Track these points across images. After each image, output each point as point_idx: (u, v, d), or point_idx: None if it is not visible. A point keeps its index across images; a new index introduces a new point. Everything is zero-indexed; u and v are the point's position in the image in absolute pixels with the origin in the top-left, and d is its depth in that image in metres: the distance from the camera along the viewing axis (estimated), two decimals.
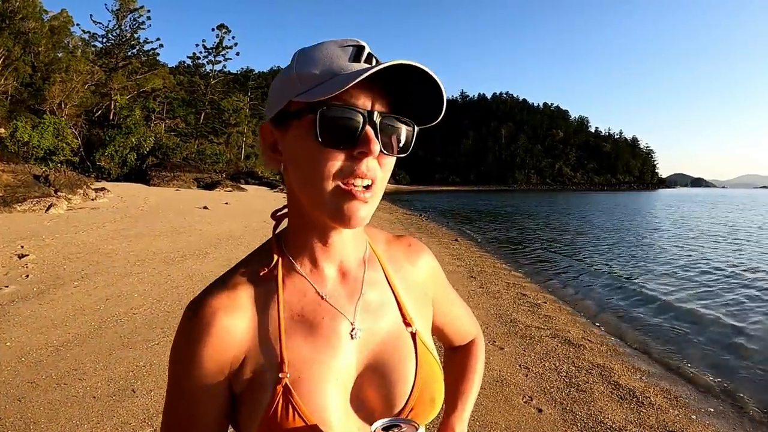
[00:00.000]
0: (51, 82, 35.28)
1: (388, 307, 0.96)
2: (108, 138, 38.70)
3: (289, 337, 0.86)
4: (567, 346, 6.48)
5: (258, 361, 0.85)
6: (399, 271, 1.02)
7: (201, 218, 17.95)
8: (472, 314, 1.30)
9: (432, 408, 0.92)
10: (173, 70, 62.74)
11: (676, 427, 4.48)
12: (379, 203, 0.86)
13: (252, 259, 0.94)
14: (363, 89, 0.78)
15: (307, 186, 0.82)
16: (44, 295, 6.99)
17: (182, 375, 0.86)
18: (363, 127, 0.78)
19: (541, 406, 4.64)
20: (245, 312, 0.86)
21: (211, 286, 0.90)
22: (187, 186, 38.38)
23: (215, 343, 0.83)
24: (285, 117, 0.83)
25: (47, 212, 15.68)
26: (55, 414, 3.92)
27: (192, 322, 0.85)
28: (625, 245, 19.76)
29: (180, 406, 0.87)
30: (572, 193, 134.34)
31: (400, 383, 0.89)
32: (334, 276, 0.93)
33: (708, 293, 10.90)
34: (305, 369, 0.84)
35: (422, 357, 0.93)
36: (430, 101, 0.84)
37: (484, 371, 1.26)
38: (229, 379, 0.86)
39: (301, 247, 0.91)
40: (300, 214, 0.89)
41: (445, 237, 19.11)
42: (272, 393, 0.82)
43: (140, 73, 47.68)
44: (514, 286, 10.22)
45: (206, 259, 10.38)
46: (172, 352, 0.87)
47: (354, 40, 0.83)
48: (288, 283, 0.90)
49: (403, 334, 0.94)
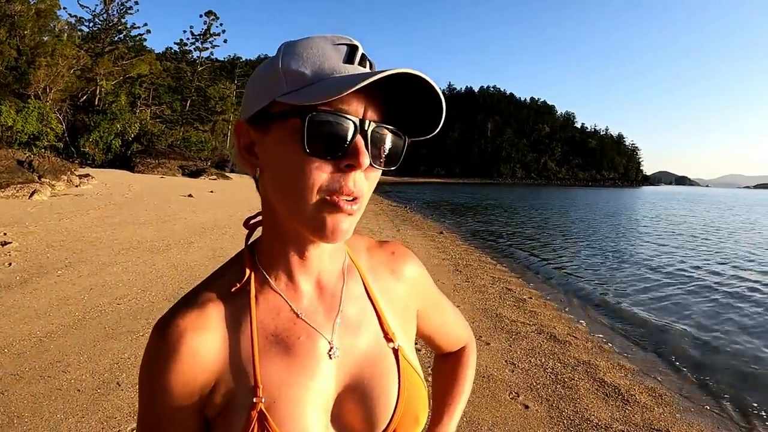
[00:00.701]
0: (36, 66, 34.74)
1: (368, 322, 0.90)
2: (93, 124, 38.33)
3: (264, 358, 0.80)
4: (553, 342, 6.51)
5: (230, 384, 0.79)
6: (380, 283, 0.96)
7: (186, 206, 17.84)
8: (464, 319, 1.25)
9: (416, 426, 0.88)
10: (160, 57, 61.99)
11: (661, 425, 4.52)
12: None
13: (223, 273, 0.87)
14: (355, 95, 0.72)
15: (287, 196, 0.76)
16: (27, 284, 6.91)
17: (152, 400, 0.80)
18: (353, 137, 0.72)
19: (528, 403, 4.66)
20: (216, 332, 0.80)
21: (179, 303, 0.83)
22: (172, 173, 38.11)
23: (184, 367, 0.77)
24: (266, 117, 0.75)
25: (31, 198, 15.49)
26: (38, 407, 3.87)
27: (159, 344, 0.79)
28: (609, 242, 19.94)
29: (151, 430, 0.82)
30: (557, 188, 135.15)
31: (382, 402, 0.84)
32: (310, 291, 0.87)
33: (692, 291, 11.02)
34: (281, 392, 0.79)
35: (405, 374, 0.88)
36: (427, 113, 0.78)
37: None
38: (201, 404, 0.80)
39: (275, 260, 0.85)
40: (275, 224, 0.83)
41: (430, 229, 19.15)
42: (246, 419, 0.76)
43: (126, 59, 47.10)
44: (499, 281, 10.25)
45: (191, 249, 10.32)
46: (141, 375, 0.81)
47: (347, 38, 0.76)
48: (261, 300, 0.84)
49: (385, 351, 0.89)
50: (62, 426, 3.65)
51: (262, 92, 0.76)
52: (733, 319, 8.87)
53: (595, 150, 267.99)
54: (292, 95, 0.71)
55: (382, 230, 16.32)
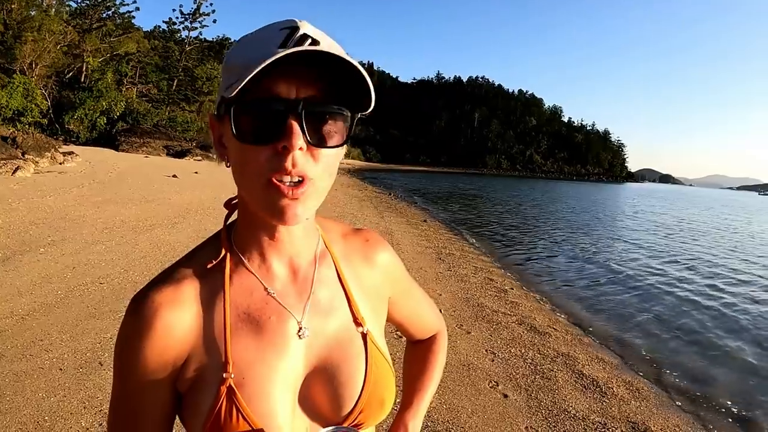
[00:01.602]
0: (23, 41, 34.09)
1: (339, 306, 0.92)
2: (78, 101, 37.73)
3: (235, 336, 0.82)
4: (533, 333, 6.58)
5: (202, 360, 0.81)
6: (353, 268, 0.97)
7: (170, 187, 17.68)
8: (435, 308, 1.27)
9: (381, 410, 0.90)
10: (148, 35, 61.08)
11: (638, 418, 4.60)
12: (351, 187, 0.80)
13: (199, 252, 0.90)
14: (285, 76, 0.72)
15: (241, 183, 0.80)
16: (10, 261, 6.85)
17: (126, 372, 0.82)
18: (284, 119, 0.72)
19: (507, 392, 4.72)
20: (190, 308, 0.82)
21: (155, 279, 0.85)
22: (157, 153, 37.62)
23: (158, 341, 0.79)
24: (220, 113, 0.78)
25: (14, 175, 15.28)
26: (20, 386, 3.87)
27: (134, 317, 0.80)
28: (591, 236, 20.15)
29: (125, 404, 0.84)
30: (542, 181, 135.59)
31: (348, 385, 0.86)
32: (283, 273, 0.88)
33: (671, 287, 11.18)
34: (250, 370, 0.81)
35: (372, 358, 0.89)
36: (359, 88, 0.75)
37: (451, 355, 1.26)
38: (174, 377, 0.82)
39: (249, 242, 0.87)
40: (246, 208, 0.85)
41: (414, 217, 19.18)
42: (216, 394, 0.79)
43: (114, 36, 46.38)
44: (481, 271, 10.33)
45: (175, 229, 10.28)
46: (116, 348, 0.83)
47: (293, 21, 0.75)
48: (235, 279, 0.86)
49: (354, 335, 0.90)
50: (44, 404, 3.66)
51: (220, 89, 0.79)
52: (710, 315, 9.04)
53: (581, 144, 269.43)
54: (226, 90, 0.72)
55: (366, 217, 16.33)
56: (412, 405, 1.18)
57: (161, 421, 0.85)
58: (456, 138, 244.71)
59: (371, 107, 0.77)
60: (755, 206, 75.73)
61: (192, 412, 0.81)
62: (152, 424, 0.84)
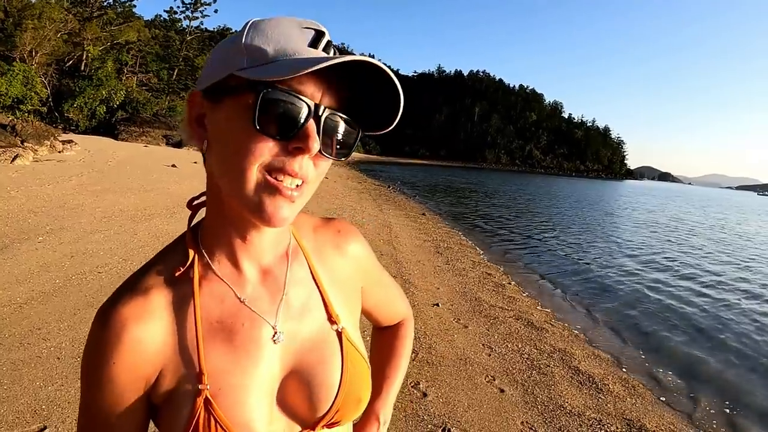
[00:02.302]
0: (23, 28, 33.91)
1: (313, 305, 0.90)
2: (78, 89, 37.59)
3: (208, 345, 0.80)
4: (530, 328, 6.60)
5: (175, 373, 0.79)
6: (325, 263, 0.96)
7: (169, 176, 17.66)
8: (404, 295, 1.26)
9: (358, 407, 0.90)
10: (149, 24, 61.00)
11: (633, 415, 4.62)
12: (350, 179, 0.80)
13: (165, 258, 0.86)
14: (314, 80, 0.71)
15: (229, 172, 0.74)
16: (8, 249, 6.84)
17: (95, 387, 0.79)
18: (306, 121, 0.71)
19: (504, 387, 4.73)
20: (159, 319, 0.79)
21: (120, 289, 0.82)
22: (156, 143, 37.53)
23: (127, 357, 0.77)
24: (220, 90, 0.74)
25: (12, 163, 15.23)
26: (18, 375, 3.87)
27: (101, 332, 0.77)
28: (589, 232, 20.18)
29: (94, 418, 0.82)
30: (541, 177, 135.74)
31: (324, 386, 0.85)
32: (254, 276, 0.86)
33: (668, 284, 11.20)
34: (226, 380, 0.79)
35: (348, 356, 0.89)
36: (384, 106, 0.76)
37: (448, 349, 1.27)
38: (147, 392, 0.80)
39: (218, 244, 0.84)
40: (218, 203, 0.82)
41: (412, 210, 19.18)
42: (192, 406, 0.77)
43: (115, 25, 46.18)
44: (479, 265, 10.34)
45: (173, 219, 10.25)
46: (84, 361, 0.80)
47: (315, 23, 0.74)
48: (205, 286, 0.83)
49: (329, 334, 0.89)
50: (41, 393, 3.66)
51: (221, 65, 0.74)
52: (707, 313, 9.04)
53: (581, 141, 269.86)
54: (250, 70, 0.70)
55: (364, 209, 16.33)
56: (381, 393, 1.18)
57: None
58: (456, 132, 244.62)
59: (390, 128, 0.78)
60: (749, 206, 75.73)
61: (169, 425, 0.80)
62: None
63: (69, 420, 3.39)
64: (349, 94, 0.76)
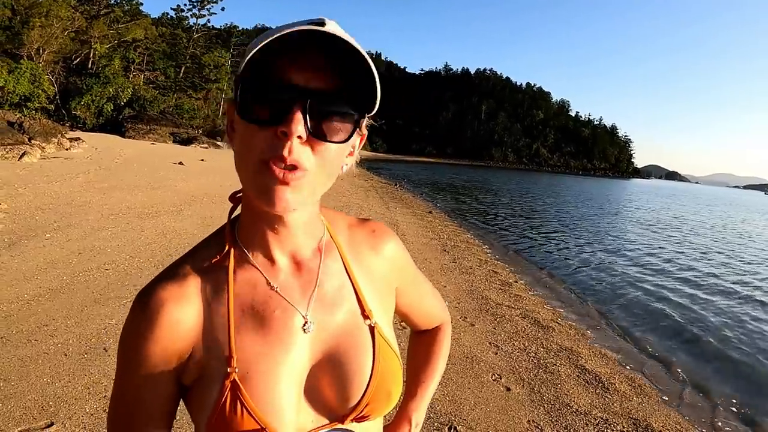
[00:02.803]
0: (30, 26, 34.04)
1: (346, 298, 0.91)
2: (85, 87, 37.76)
3: (239, 331, 0.82)
4: (536, 327, 6.58)
5: (206, 354, 0.82)
6: (360, 260, 0.97)
7: (176, 174, 17.73)
8: (441, 299, 1.26)
9: (388, 402, 0.90)
10: (155, 22, 61.01)
11: (640, 415, 4.60)
12: (356, 177, 0.81)
13: (203, 247, 0.90)
14: (298, 63, 0.72)
15: (238, 166, 0.79)
16: (16, 246, 6.87)
17: (130, 366, 0.82)
18: (289, 105, 0.71)
19: (510, 385, 4.72)
20: (194, 303, 0.83)
21: (160, 275, 0.86)
22: (163, 140, 37.72)
23: (163, 336, 0.80)
24: (235, 96, 0.77)
25: (20, 160, 15.30)
26: (25, 371, 3.88)
27: (139, 313, 0.82)
28: (597, 232, 20.16)
29: (127, 397, 0.85)
30: (548, 175, 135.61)
31: (355, 378, 0.86)
32: (287, 266, 0.88)
33: (674, 282, 11.18)
34: (255, 364, 0.81)
35: (380, 351, 0.89)
36: (367, 87, 0.76)
37: (454, 347, 1.27)
38: (178, 372, 0.83)
39: (252, 235, 0.87)
40: (248, 198, 0.85)
41: (419, 208, 19.19)
42: (220, 388, 0.79)
43: (122, 23, 46.37)
44: (486, 263, 10.33)
45: (180, 216, 10.29)
46: (120, 343, 0.84)
47: (320, 18, 0.73)
48: (239, 274, 0.86)
49: (361, 327, 0.90)
50: (48, 390, 3.67)
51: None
52: (715, 312, 9.02)
53: (588, 139, 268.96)
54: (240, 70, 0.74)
55: (371, 207, 16.34)
56: (415, 396, 1.19)
57: (161, 415, 0.85)
58: (463, 130, 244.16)
59: (375, 109, 0.78)
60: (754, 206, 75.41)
61: (197, 406, 0.83)
62: (152, 418, 0.85)
63: (76, 416, 3.40)
64: (343, 79, 0.75)
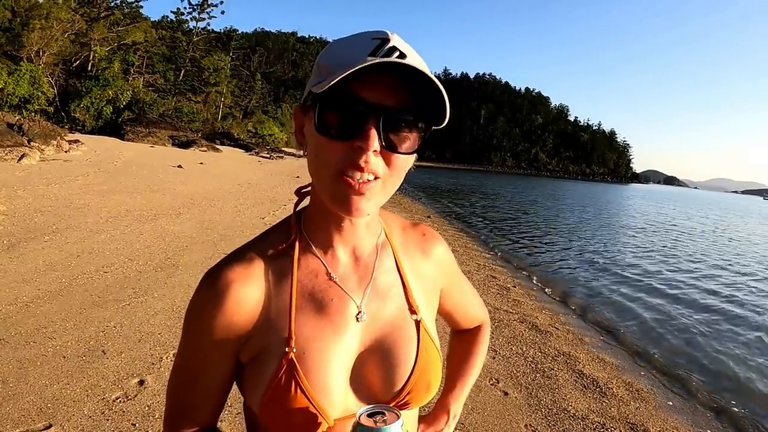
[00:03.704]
0: (30, 28, 34.01)
1: (396, 293, 0.98)
2: (85, 89, 37.67)
3: (299, 313, 0.89)
4: (534, 331, 6.59)
5: (267, 333, 0.88)
6: (410, 260, 1.04)
7: (175, 177, 17.71)
8: (481, 300, 1.35)
9: (427, 393, 0.95)
10: (155, 25, 61.06)
11: (637, 419, 4.61)
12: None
13: (271, 234, 0.97)
14: (371, 83, 0.77)
15: (314, 173, 0.85)
16: (14, 248, 6.87)
17: (194, 340, 0.90)
18: (365, 121, 0.77)
19: (508, 390, 4.73)
20: (259, 284, 0.89)
21: (230, 255, 0.93)
22: (162, 143, 37.59)
23: (227, 313, 0.86)
24: (306, 105, 0.84)
25: (19, 162, 15.30)
26: (24, 373, 3.88)
27: (207, 290, 0.88)
28: (594, 237, 20.19)
29: (188, 367, 0.93)
30: (547, 180, 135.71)
31: (400, 367, 0.92)
32: (346, 260, 0.95)
33: (672, 288, 11.20)
34: (311, 346, 0.87)
35: (424, 344, 0.95)
36: (436, 103, 0.82)
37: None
38: (237, 348, 0.89)
39: (317, 229, 0.94)
40: (317, 197, 0.91)
41: (418, 213, 19.26)
42: (277, 366, 0.85)
43: (122, 25, 46.30)
44: (484, 268, 10.35)
45: (179, 219, 10.30)
46: (187, 316, 0.91)
47: (385, 32, 0.81)
48: (302, 262, 0.93)
49: (408, 321, 0.96)
50: (47, 392, 3.67)
51: (309, 84, 0.84)
52: (711, 317, 9.05)
53: (587, 144, 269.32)
54: (317, 85, 0.78)
55: None
56: (455, 389, 1.26)
57: (219, 388, 0.93)
58: (462, 134, 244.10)
59: (445, 122, 0.84)
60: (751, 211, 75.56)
61: (252, 383, 0.89)
62: (210, 391, 0.93)
63: (74, 418, 3.40)
64: (411, 95, 0.81)
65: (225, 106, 66.48)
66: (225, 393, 0.95)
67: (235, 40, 77.76)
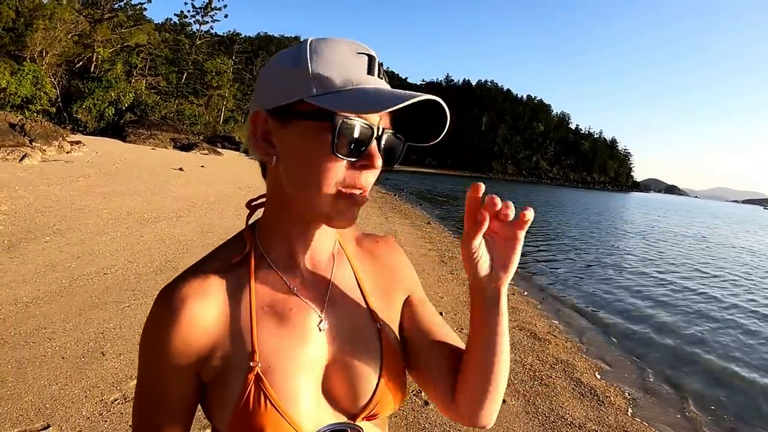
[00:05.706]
0: (34, 28, 34.08)
1: (355, 301, 0.97)
2: (87, 90, 37.76)
3: (260, 326, 0.87)
4: (532, 339, 6.60)
5: (228, 349, 0.85)
6: (366, 268, 1.03)
7: (176, 180, 17.75)
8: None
9: (396, 401, 0.94)
10: (159, 27, 61.30)
11: (634, 429, 4.61)
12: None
13: (225, 248, 0.95)
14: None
15: (306, 188, 0.82)
16: (15, 248, 6.89)
17: (152, 359, 0.86)
18: (370, 142, 0.81)
19: (505, 397, 4.71)
20: (216, 299, 0.86)
21: (184, 272, 0.90)
22: (164, 146, 37.64)
23: (184, 331, 0.83)
24: (290, 113, 0.80)
25: (21, 162, 15.33)
26: (23, 373, 3.90)
27: (162, 307, 0.85)
28: (594, 245, 20.15)
29: (150, 390, 0.88)
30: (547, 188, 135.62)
31: (366, 376, 0.90)
32: (304, 270, 0.94)
33: (670, 297, 11.18)
34: (276, 359, 0.85)
35: (387, 351, 0.94)
36: (431, 127, 0.87)
37: None
38: (198, 367, 0.86)
39: (275, 240, 0.93)
40: (282, 208, 0.90)
41: (418, 219, 19.18)
42: (244, 382, 0.83)
43: (125, 27, 46.40)
44: None
45: (180, 222, 10.32)
46: (143, 337, 0.87)
47: (364, 47, 0.83)
48: (259, 274, 0.91)
49: (369, 329, 0.95)
50: (46, 392, 3.68)
51: (288, 88, 0.80)
52: (710, 326, 9.02)
53: (588, 152, 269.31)
54: (323, 99, 0.77)
55: (369, 217, 16.28)
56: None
57: (183, 408, 0.89)
58: (462, 141, 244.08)
59: (437, 140, 0.89)
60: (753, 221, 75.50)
61: (219, 404, 0.86)
62: (174, 411, 0.89)
63: (72, 419, 3.41)
64: (400, 114, 0.85)
65: (227, 109, 66.60)
66: (191, 411, 0.91)
67: (238, 43, 78.06)
